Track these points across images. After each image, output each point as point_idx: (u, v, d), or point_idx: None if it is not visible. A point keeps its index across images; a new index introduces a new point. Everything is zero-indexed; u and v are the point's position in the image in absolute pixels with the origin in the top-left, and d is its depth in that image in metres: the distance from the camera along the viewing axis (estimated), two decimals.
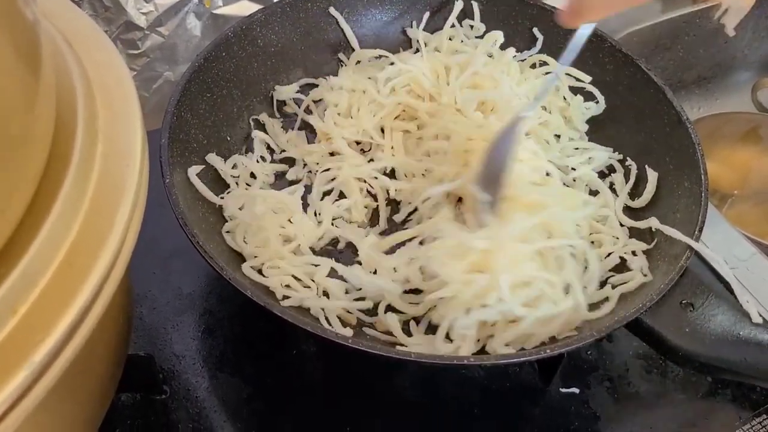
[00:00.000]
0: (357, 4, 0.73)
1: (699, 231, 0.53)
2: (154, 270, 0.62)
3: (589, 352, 0.59)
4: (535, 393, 0.56)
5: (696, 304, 0.49)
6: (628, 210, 0.61)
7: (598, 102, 0.68)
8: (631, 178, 0.63)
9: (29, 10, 0.32)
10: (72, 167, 0.33)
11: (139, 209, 0.35)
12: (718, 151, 0.87)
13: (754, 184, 0.87)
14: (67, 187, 0.32)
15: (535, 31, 0.71)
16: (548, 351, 0.46)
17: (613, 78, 0.67)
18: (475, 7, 0.72)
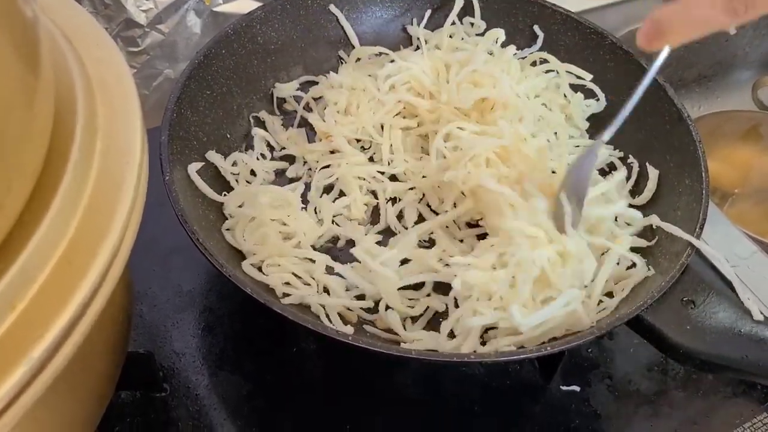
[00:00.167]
0: (357, 2, 0.73)
1: (700, 228, 0.53)
2: (154, 267, 0.62)
3: (589, 350, 0.59)
4: (536, 390, 0.56)
5: (697, 302, 0.49)
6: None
7: (599, 99, 0.68)
8: (632, 176, 0.63)
9: (29, 7, 0.32)
10: (71, 164, 0.33)
11: (139, 206, 0.35)
12: (719, 150, 0.87)
13: (755, 183, 0.87)
14: (66, 184, 0.32)
15: (536, 28, 0.71)
16: (549, 348, 0.46)
17: (613, 76, 0.67)
18: (476, 4, 0.72)
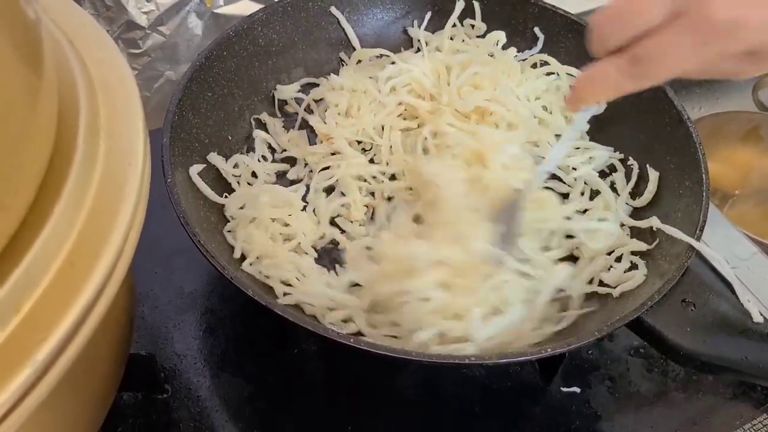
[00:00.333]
0: (358, 4, 0.73)
1: (700, 230, 0.53)
2: (156, 269, 0.62)
3: (590, 352, 0.59)
4: (536, 392, 0.56)
5: (697, 303, 0.49)
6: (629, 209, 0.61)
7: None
8: (632, 178, 0.63)
9: (31, 9, 0.32)
10: (74, 165, 0.33)
11: (141, 208, 0.35)
12: (719, 151, 0.87)
13: (755, 184, 0.87)
14: (70, 186, 0.32)
15: (536, 30, 0.71)
16: (549, 350, 0.46)
17: None
18: (477, 6, 0.72)
